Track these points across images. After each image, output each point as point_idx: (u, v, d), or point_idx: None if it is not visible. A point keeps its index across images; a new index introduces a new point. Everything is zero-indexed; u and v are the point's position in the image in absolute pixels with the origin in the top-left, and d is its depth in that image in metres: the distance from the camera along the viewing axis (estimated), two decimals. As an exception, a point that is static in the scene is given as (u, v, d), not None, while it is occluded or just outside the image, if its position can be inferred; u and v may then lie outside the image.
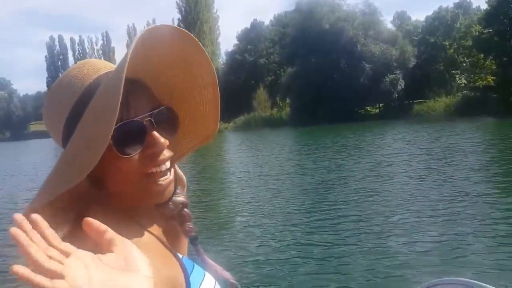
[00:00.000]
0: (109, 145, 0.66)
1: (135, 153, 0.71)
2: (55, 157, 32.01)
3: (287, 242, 7.08)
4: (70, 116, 0.73)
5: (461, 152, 15.84)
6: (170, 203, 0.86)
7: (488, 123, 29.89)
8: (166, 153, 0.75)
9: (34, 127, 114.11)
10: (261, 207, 9.81)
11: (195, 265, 0.84)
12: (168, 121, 0.77)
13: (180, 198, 0.89)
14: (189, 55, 0.79)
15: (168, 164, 0.76)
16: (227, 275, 0.92)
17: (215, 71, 0.84)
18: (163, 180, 0.75)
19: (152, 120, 0.73)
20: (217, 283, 0.86)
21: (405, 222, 7.57)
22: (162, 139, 0.73)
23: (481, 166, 12.71)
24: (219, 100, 0.87)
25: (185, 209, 0.90)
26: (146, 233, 0.76)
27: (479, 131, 24.77)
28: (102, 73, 0.76)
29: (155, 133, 0.73)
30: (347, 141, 24.77)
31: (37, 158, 33.40)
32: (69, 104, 0.74)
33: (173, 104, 0.83)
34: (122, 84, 0.61)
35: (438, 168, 12.86)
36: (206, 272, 0.85)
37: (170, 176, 0.77)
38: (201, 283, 0.80)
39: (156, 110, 0.75)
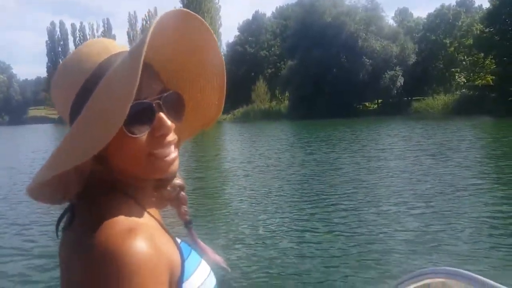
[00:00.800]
0: None
1: (142, 134, 0.72)
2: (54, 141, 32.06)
3: (278, 228, 7.23)
4: (81, 92, 0.74)
5: (453, 149, 16.07)
6: (169, 186, 0.90)
7: (485, 122, 30.01)
8: (172, 136, 0.77)
9: (32, 112, 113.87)
10: (254, 195, 9.99)
11: (192, 251, 0.85)
12: (175, 106, 0.78)
13: (178, 180, 0.92)
14: (200, 42, 0.80)
15: (173, 147, 0.78)
16: (218, 259, 0.97)
17: (222, 57, 0.85)
18: (168, 157, 0.76)
19: (161, 103, 0.74)
20: (212, 272, 0.87)
21: (393, 213, 7.76)
22: (169, 122, 0.75)
23: (471, 163, 12.95)
24: (225, 88, 0.88)
25: (182, 192, 0.94)
26: (146, 213, 0.77)
27: (475, 130, 24.90)
28: (115, 53, 0.77)
29: (163, 115, 0.74)
30: (342, 135, 24.90)
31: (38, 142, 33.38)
32: (80, 80, 0.74)
33: (179, 88, 0.84)
34: (142, 61, 0.62)
35: (429, 163, 13.12)
36: (202, 260, 0.86)
37: (175, 153, 0.78)
38: (195, 269, 0.81)
39: (165, 94, 0.76)
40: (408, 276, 1.61)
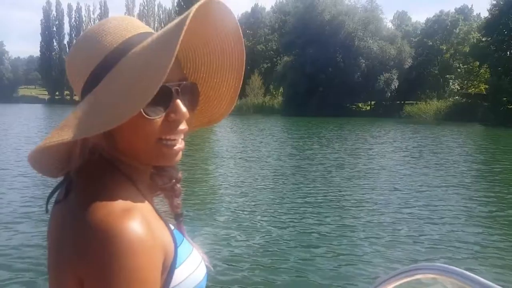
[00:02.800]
0: None
1: (158, 117, 0.72)
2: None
3: (264, 223, 7.21)
4: (103, 63, 0.73)
5: (438, 153, 16.41)
6: (166, 176, 0.88)
7: (475, 130, 30.32)
8: (184, 125, 0.77)
9: (23, 91, 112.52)
10: (238, 186, 10.11)
11: (184, 239, 0.84)
12: (191, 96, 0.79)
13: (176, 172, 0.90)
14: (226, 37, 0.81)
15: (182, 137, 0.78)
16: (203, 256, 0.91)
17: (244, 57, 0.84)
18: (176, 146, 0.77)
19: (179, 90, 0.75)
20: (203, 262, 0.86)
21: (376, 211, 7.83)
22: (184, 109, 0.75)
23: (455, 167, 13.25)
24: (240, 86, 0.88)
25: (178, 184, 0.92)
26: (142, 197, 0.76)
27: (462, 136, 25.18)
28: (143, 31, 0.77)
29: (180, 102, 0.75)
30: (331, 134, 25.11)
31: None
32: (105, 50, 0.74)
33: (197, 80, 0.86)
34: (179, 43, 0.63)
35: (413, 165, 13.48)
36: (193, 249, 0.86)
37: (182, 144, 0.78)
38: (187, 257, 0.81)
39: (184, 82, 0.77)
40: (398, 271, 1.50)
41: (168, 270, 0.73)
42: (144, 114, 0.70)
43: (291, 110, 45.70)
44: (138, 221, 0.66)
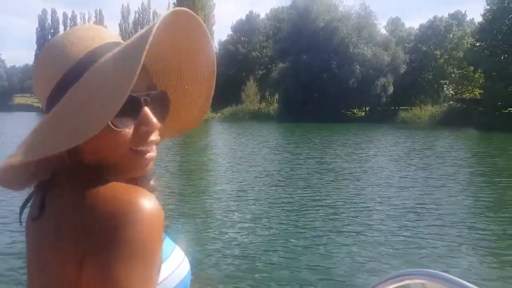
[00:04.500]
0: None
1: (127, 128, 0.70)
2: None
3: (257, 227, 7.23)
4: (68, 75, 0.71)
5: (433, 158, 16.49)
6: (141, 186, 0.84)
7: (470, 135, 30.43)
8: (156, 136, 0.75)
9: (18, 99, 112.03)
10: (233, 191, 10.09)
11: (166, 236, 0.85)
12: (161, 106, 0.77)
13: (151, 182, 0.88)
14: (195, 45, 0.79)
15: (154, 147, 0.76)
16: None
17: (215, 65, 0.84)
18: (148, 154, 0.75)
19: (148, 99, 0.73)
20: (186, 258, 0.86)
21: (366, 215, 7.84)
22: (154, 119, 0.73)
23: (446, 171, 13.31)
24: (212, 93, 0.87)
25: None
26: None
27: (457, 141, 25.26)
28: (110, 41, 0.75)
29: (149, 112, 0.73)
30: (325, 139, 25.19)
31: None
32: (68, 62, 0.72)
33: (166, 88, 0.84)
34: (144, 54, 0.62)
35: (408, 170, 13.53)
36: (176, 246, 0.86)
37: (154, 152, 0.76)
38: (171, 253, 0.82)
39: (154, 92, 0.75)
40: (386, 277, 1.52)
41: None
42: (112, 126, 0.67)
43: (287, 117, 45.71)
44: (150, 195, 0.65)
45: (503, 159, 16.91)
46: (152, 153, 0.75)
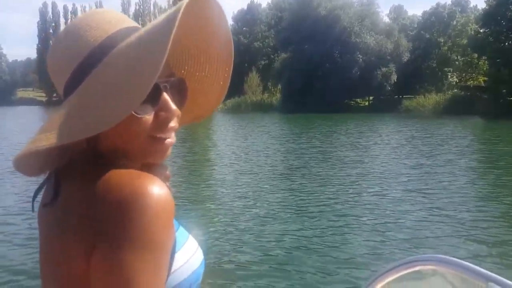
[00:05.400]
0: None
1: (146, 114, 0.69)
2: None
3: (259, 217, 7.24)
4: (86, 60, 0.70)
5: (437, 146, 16.39)
6: (155, 175, 0.87)
7: (475, 123, 30.23)
8: (174, 122, 0.75)
9: (21, 93, 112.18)
10: (235, 182, 10.13)
11: (180, 226, 0.84)
12: (180, 92, 0.77)
13: (166, 171, 0.87)
14: (212, 26, 0.78)
15: (173, 134, 0.76)
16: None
17: (233, 46, 0.83)
18: (167, 141, 0.74)
19: (168, 86, 0.73)
20: (199, 248, 0.85)
21: (375, 204, 7.83)
22: (174, 106, 0.73)
23: (452, 159, 13.23)
24: (229, 80, 0.86)
25: (167, 183, 0.88)
26: None
27: (462, 129, 25.08)
28: (128, 26, 0.74)
29: (169, 99, 0.73)
30: (328, 130, 25.17)
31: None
32: (87, 47, 0.71)
33: (184, 74, 0.84)
34: (171, 38, 0.61)
35: (413, 159, 13.43)
36: (190, 235, 0.85)
37: (173, 139, 0.76)
38: (184, 243, 0.80)
39: (173, 78, 0.75)
40: (399, 263, 1.52)
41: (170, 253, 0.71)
42: (133, 113, 0.67)
43: (290, 107, 45.47)
44: (158, 182, 0.65)
45: (510, 147, 16.77)
46: (171, 139, 0.75)
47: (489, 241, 5.97)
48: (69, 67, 0.72)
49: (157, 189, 0.63)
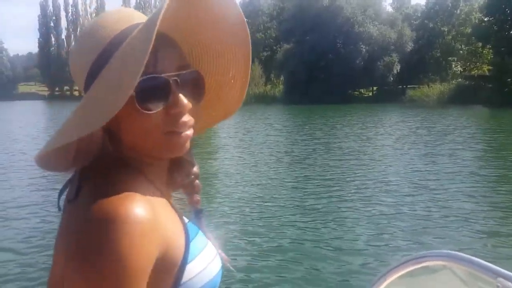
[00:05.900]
0: (131, 98, 0.65)
1: (156, 111, 0.69)
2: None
3: (264, 212, 7.21)
4: (97, 62, 0.72)
5: (442, 136, 16.30)
6: (184, 172, 0.86)
7: (480, 112, 30.10)
8: (188, 117, 0.73)
9: (22, 88, 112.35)
10: (241, 176, 10.10)
11: (199, 232, 0.82)
12: (194, 85, 0.76)
13: (194, 168, 0.88)
14: (228, 21, 0.78)
15: (189, 129, 0.75)
16: (223, 256, 0.89)
17: (250, 42, 0.82)
18: (183, 134, 0.74)
19: (178, 80, 0.72)
20: (218, 256, 0.83)
21: (380, 198, 7.79)
22: (185, 101, 0.71)
23: (457, 150, 13.14)
24: (249, 74, 0.85)
25: (197, 180, 0.90)
26: (155, 190, 0.74)
27: (467, 119, 24.94)
28: (134, 23, 0.75)
29: (179, 94, 0.71)
30: (330, 121, 25.07)
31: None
32: (97, 49, 0.73)
33: (202, 69, 0.82)
34: (155, 31, 0.61)
35: (418, 149, 13.34)
36: (209, 242, 0.84)
37: (190, 131, 0.75)
38: (201, 251, 0.78)
39: (184, 71, 0.73)
40: (408, 258, 1.50)
41: (179, 265, 0.71)
42: (141, 109, 0.68)
43: (293, 98, 45.35)
44: (140, 204, 0.63)
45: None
46: (188, 132, 0.74)
47: (497, 234, 5.90)
48: (86, 66, 0.74)
49: (136, 214, 0.61)
